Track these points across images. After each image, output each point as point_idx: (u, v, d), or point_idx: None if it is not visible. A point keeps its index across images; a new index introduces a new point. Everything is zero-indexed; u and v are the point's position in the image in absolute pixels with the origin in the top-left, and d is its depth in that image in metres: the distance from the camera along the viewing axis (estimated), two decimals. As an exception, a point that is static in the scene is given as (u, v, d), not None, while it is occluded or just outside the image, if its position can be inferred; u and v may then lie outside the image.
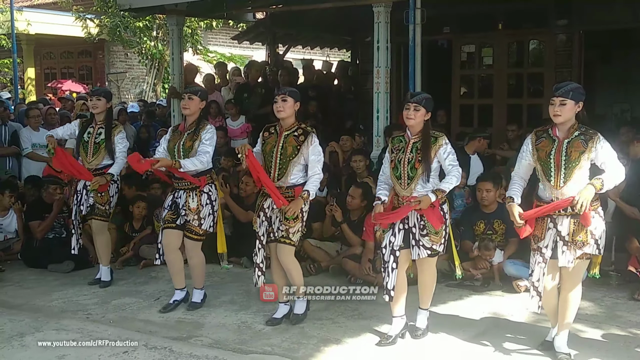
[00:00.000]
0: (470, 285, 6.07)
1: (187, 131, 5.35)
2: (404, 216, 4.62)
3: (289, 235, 4.99)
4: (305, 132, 5.00)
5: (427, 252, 4.65)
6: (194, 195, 5.32)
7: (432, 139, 4.61)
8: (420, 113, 4.60)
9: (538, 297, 4.37)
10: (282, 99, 4.98)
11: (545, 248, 4.32)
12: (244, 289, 6.04)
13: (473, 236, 6.44)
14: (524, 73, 9.88)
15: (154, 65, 17.50)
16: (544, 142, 4.31)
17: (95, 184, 5.89)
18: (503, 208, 6.43)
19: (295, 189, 4.98)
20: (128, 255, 6.99)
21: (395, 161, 4.69)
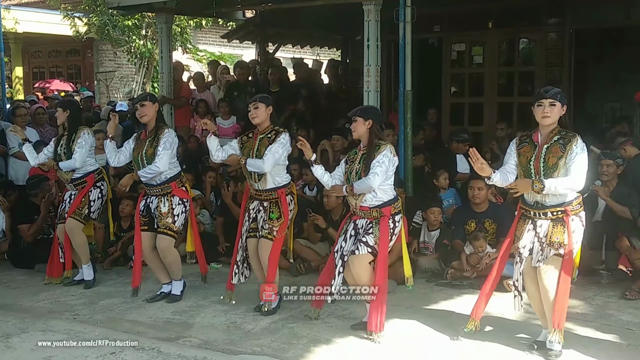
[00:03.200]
0: (459, 284, 6.07)
1: (148, 138, 5.52)
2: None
3: (272, 232, 5.20)
4: (277, 132, 5.22)
5: (367, 249, 4.71)
6: (165, 201, 5.52)
7: (376, 148, 4.73)
8: (359, 123, 4.76)
9: (520, 296, 4.50)
10: (254, 106, 5.24)
11: (523, 248, 4.42)
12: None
13: (464, 235, 6.44)
14: (515, 72, 9.89)
15: (143, 64, 17.40)
16: (526, 147, 4.38)
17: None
18: (494, 207, 6.50)
19: (278, 191, 5.20)
20: (116, 255, 6.95)
21: (347, 173, 4.86)
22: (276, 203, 5.22)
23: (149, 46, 16.79)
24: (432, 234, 6.67)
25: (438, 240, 6.58)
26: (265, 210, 5.25)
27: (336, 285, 4.83)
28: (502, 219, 6.37)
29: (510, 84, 10.04)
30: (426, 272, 6.44)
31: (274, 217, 5.21)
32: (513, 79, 9.90)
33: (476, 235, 6.24)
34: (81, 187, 6.11)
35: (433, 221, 6.63)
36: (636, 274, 5.84)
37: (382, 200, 4.74)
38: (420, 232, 6.83)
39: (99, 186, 6.18)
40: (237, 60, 13.50)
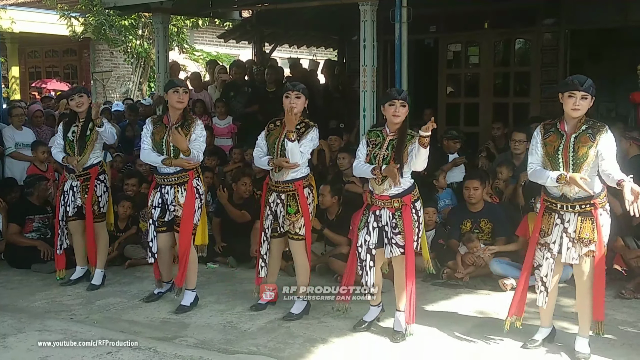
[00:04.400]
0: (455, 284, 6.09)
1: (175, 125, 5.32)
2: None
3: (296, 231, 5.12)
4: (308, 125, 5.09)
5: (399, 250, 4.65)
6: (182, 190, 5.33)
7: (409, 137, 4.61)
8: (405, 110, 4.64)
9: (545, 292, 4.39)
10: (296, 95, 5.04)
11: (553, 244, 4.32)
12: (230, 289, 6.02)
13: (460, 235, 6.46)
14: (510, 72, 9.92)
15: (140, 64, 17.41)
16: (552, 136, 4.28)
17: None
18: (490, 207, 6.51)
19: (296, 183, 5.07)
20: (113, 255, 6.93)
21: (370, 156, 4.70)
22: (293, 196, 5.10)
23: (145, 46, 16.79)
24: (428, 234, 6.65)
25: (433, 240, 6.58)
26: (283, 204, 5.12)
27: (370, 280, 4.75)
28: (498, 218, 6.41)
29: (506, 84, 10.07)
30: (422, 271, 6.42)
31: (292, 212, 5.07)
32: (509, 79, 9.93)
33: (469, 237, 6.25)
34: (83, 179, 6.00)
35: (428, 221, 6.61)
36: (631, 274, 5.86)
37: (403, 188, 4.62)
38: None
39: (102, 180, 6.08)
40: (234, 60, 13.50)
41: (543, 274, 4.39)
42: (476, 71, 10.20)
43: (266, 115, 9.26)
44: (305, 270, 5.24)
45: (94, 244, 6.12)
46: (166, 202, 5.39)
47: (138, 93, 17.68)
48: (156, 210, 5.43)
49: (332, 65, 11.63)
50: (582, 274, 4.29)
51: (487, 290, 5.95)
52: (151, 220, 5.47)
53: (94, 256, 6.17)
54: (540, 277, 4.41)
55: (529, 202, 6.40)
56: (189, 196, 5.31)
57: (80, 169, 5.99)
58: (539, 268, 4.43)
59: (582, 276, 4.30)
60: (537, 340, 4.56)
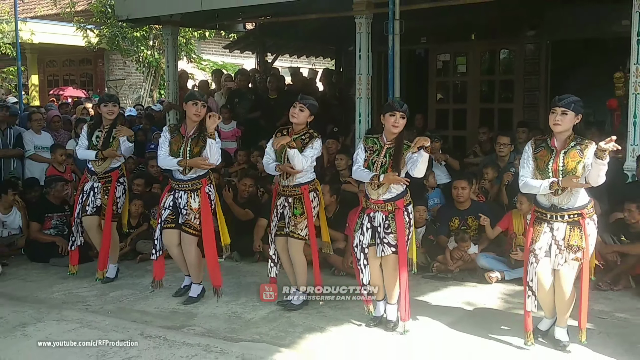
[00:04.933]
0: (444, 277, 6.09)
1: (192, 136, 5.29)
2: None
3: (297, 230, 5.11)
4: (312, 136, 5.10)
5: (391, 249, 4.63)
6: (195, 196, 5.30)
7: (405, 146, 4.61)
8: (404, 122, 4.64)
9: (533, 296, 4.31)
10: (300, 108, 5.07)
11: (540, 250, 4.27)
12: (234, 282, 6.02)
13: (448, 232, 6.47)
14: (496, 80, 9.94)
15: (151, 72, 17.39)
16: (543, 151, 4.25)
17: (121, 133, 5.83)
18: (476, 205, 6.52)
19: (302, 187, 5.10)
20: (125, 250, 6.94)
21: (369, 162, 4.69)
22: (299, 199, 5.12)
23: (156, 56, 16.78)
24: (419, 230, 6.67)
25: (424, 236, 6.59)
26: (289, 207, 5.15)
27: (366, 278, 4.75)
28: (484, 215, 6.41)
29: (491, 92, 10.09)
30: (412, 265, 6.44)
31: (298, 213, 5.10)
32: (494, 87, 9.94)
33: (463, 237, 6.24)
34: (104, 181, 5.96)
35: (419, 218, 6.62)
36: (607, 267, 5.86)
37: (396, 192, 4.63)
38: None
39: (122, 182, 6.06)
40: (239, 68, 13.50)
41: (528, 279, 4.32)
42: (464, 79, 10.22)
43: (268, 120, 9.31)
44: (302, 269, 5.21)
45: (109, 243, 6.07)
46: (178, 206, 5.36)
47: (149, 99, 17.67)
48: (165, 212, 5.41)
49: (329, 73, 11.65)
50: (564, 277, 4.22)
51: (474, 282, 5.96)
52: (160, 220, 5.46)
53: (105, 255, 6.10)
54: (526, 282, 4.34)
55: (512, 200, 6.42)
56: (204, 203, 5.29)
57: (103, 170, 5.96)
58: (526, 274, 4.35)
59: (563, 279, 4.22)
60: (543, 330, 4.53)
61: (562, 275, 4.23)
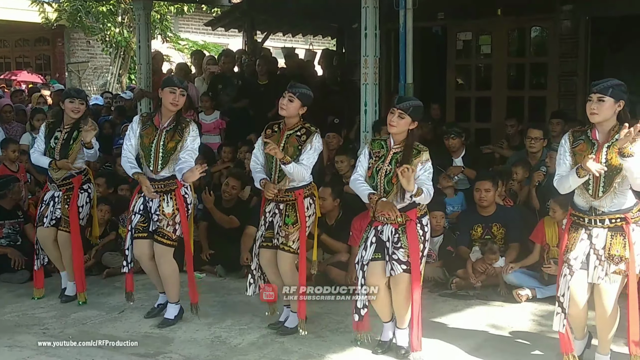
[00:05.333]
0: (465, 295, 6.12)
1: (166, 128, 5.32)
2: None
3: (288, 242, 5.11)
4: (309, 131, 5.10)
5: (401, 267, 4.61)
6: (168, 199, 5.33)
7: (415, 152, 4.57)
8: (405, 121, 4.59)
9: (563, 314, 4.26)
10: (290, 98, 5.06)
11: (575, 260, 4.24)
12: (218, 301, 6.04)
13: (470, 241, 6.49)
14: (526, 63, 9.94)
15: (119, 54, 17.45)
16: (582, 145, 4.21)
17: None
18: (503, 210, 6.54)
19: (296, 192, 5.09)
20: (89, 263, 6.94)
21: (373, 169, 4.69)
22: (293, 206, 5.14)
23: (125, 35, 16.83)
24: (435, 240, 6.68)
25: (441, 246, 6.61)
26: (280, 214, 5.14)
27: (361, 302, 4.73)
28: (511, 223, 6.43)
29: (521, 77, 10.09)
30: (429, 281, 6.47)
31: (289, 222, 5.08)
32: (524, 71, 9.95)
33: (491, 247, 6.24)
34: (65, 188, 5.97)
35: (435, 226, 6.61)
36: None
37: (408, 201, 4.58)
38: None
39: (85, 189, 6.05)
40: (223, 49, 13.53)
41: (560, 293, 4.29)
42: (488, 62, 10.21)
43: (257, 110, 9.32)
44: (294, 284, 5.21)
45: (81, 260, 6.08)
46: (149, 210, 5.39)
47: (117, 86, 17.71)
48: (136, 217, 5.43)
49: (330, 55, 11.65)
50: (604, 293, 4.18)
51: (500, 301, 5.98)
52: (130, 227, 5.47)
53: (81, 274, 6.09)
54: (557, 297, 4.32)
55: (545, 205, 6.43)
56: (180, 208, 5.31)
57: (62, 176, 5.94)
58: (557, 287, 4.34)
59: (604, 295, 4.19)
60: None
61: (603, 291, 4.20)
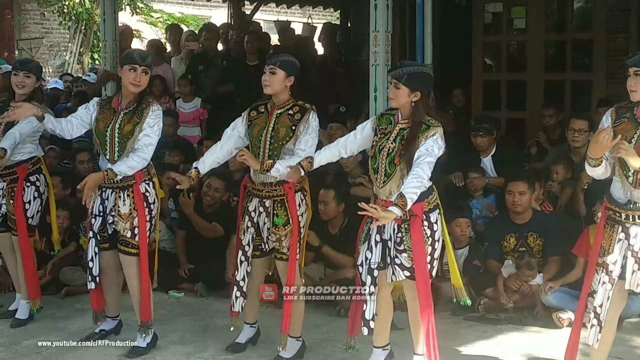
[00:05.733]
0: (495, 318, 6.11)
1: (125, 110, 5.33)
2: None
3: (282, 249, 5.14)
4: (303, 109, 5.12)
5: (404, 273, 4.61)
6: (125, 197, 5.33)
7: (424, 127, 4.56)
8: (402, 92, 4.59)
9: (599, 327, 4.34)
10: (271, 70, 5.08)
11: (614, 265, 4.29)
12: (199, 325, 6.03)
13: (501, 254, 6.49)
14: (567, 40, 9.92)
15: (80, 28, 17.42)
16: (625, 124, 4.27)
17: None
18: (540, 217, 6.52)
19: (285, 186, 5.08)
20: (45, 280, 6.92)
21: (376, 148, 4.69)
22: (282, 203, 5.12)
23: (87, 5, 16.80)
24: (459, 252, 6.67)
25: (466, 260, 6.60)
26: (267, 213, 5.14)
27: (370, 312, 4.72)
28: (550, 232, 6.41)
29: (561, 56, 10.08)
30: (452, 302, 6.43)
31: (280, 223, 5.09)
32: (565, 50, 9.93)
33: (529, 262, 6.22)
34: (10, 179, 5.97)
35: (460, 236, 6.63)
36: None
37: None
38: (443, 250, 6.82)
39: (33, 182, 6.04)
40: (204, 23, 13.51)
41: (597, 303, 4.35)
42: (522, 39, 10.20)
43: (245, 96, 9.27)
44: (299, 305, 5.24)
45: (32, 264, 6.08)
46: (106, 211, 5.41)
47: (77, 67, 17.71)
48: (97, 221, 5.44)
49: (332, 30, 11.66)
50: None
51: (537, 326, 5.97)
52: (91, 233, 5.48)
53: (33, 279, 6.12)
54: (593, 307, 4.38)
55: (591, 210, 6.40)
56: (139, 207, 5.32)
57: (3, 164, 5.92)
58: (593, 295, 4.41)
59: None
60: None
61: None
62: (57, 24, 18.36)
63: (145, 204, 5.35)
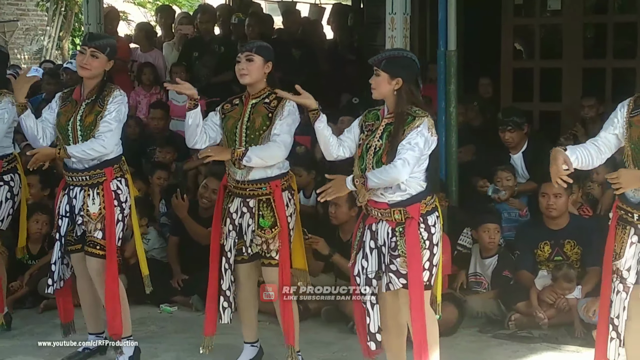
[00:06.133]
0: (528, 336, 6.10)
1: (86, 100, 5.38)
2: None
3: (269, 252, 5.16)
4: (279, 98, 5.15)
5: (400, 281, 4.58)
6: (94, 195, 5.36)
7: (409, 119, 4.55)
8: (382, 79, 4.60)
9: (618, 340, 4.38)
10: (247, 57, 5.16)
11: (627, 271, 4.33)
12: (194, 342, 6.00)
13: (534, 264, 6.48)
14: (608, 23, 9.92)
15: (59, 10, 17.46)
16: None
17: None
18: (578, 223, 6.51)
19: (271, 184, 5.13)
20: (21, 292, 6.95)
21: (363, 147, 4.70)
22: (268, 202, 5.14)
23: (67, -16, 16.85)
24: (487, 262, 6.69)
25: (495, 271, 6.60)
26: (252, 214, 5.16)
27: (375, 325, 4.72)
28: (589, 239, 6.38)
29: (601, 41, 10.07)
30: (479, 317, 6.45)
31: (266, 225, 5.11)
32: (605, 33, 9.92)
33: (567, 274, 6.18)
34: None
35: (488, 243, 6.63)
36: None
37: (408, 193, 4.57)
38: (469, 259, 6.85)
39: (7, 181, 6.02)
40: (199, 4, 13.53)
41: (614, 314, 4.39)
42: (557, 21, 10.20)
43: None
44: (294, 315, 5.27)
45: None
46: (74, 210, 5.44)
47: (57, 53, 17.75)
48: (64, 222, 5.48)
49: (343, 12, 11.66)
50: None
51: (576, 345, 5.95)
52: (58, 235, 5.52)
53: None
54: (610, 319, 4.41)
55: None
56: (108, 206, 5.34)
57: None
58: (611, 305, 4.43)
59: None
60: None
61: None
62: (34, 5, 18.40)
63: (117, 202, 5.39)
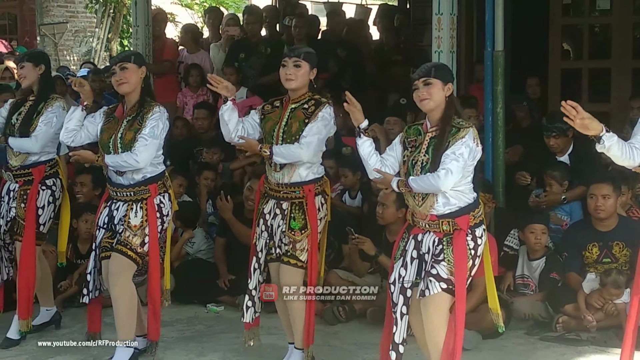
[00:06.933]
0: (575, 339, 6.06)
1: (127, 117, 5.45)
2: None
3: (294, 252, 5.20)
4: (318, 102, 5.21)
5: (440, 285, 4.56)
6: (138, 209, 5.44)
7: (454, 130, 4.55)
8: (435, 89, 4.60)
9: None
10: (295, 63, 5.18)
11: None
12: (240, 342, 6.03)
13: (582, 266, 6.43)
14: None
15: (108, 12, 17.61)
16: None
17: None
18: (627, 224, 6.45)
19: (305, 188, 5.17)
20: (71, 291, 7.01)
21: (408, 163, 4.71)
22: (300, 205, 5.19)
23: (116, -14, 16.99)
24: (535, 264, 6.65)
25: (543, 273, 6.56)
26: (283, 216, 5.22)
27: (400, 336, 4.69)
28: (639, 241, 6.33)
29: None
30: (526, 320, 6.42)
31: (297, 227, 5.17)
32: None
33: (616, 279, 6.12)
34: (23, 180, 6.03)
35: (534, 244, 6.59)
36: None
37: (457, 206, 4.60)
38: (516, 261, 6.81)
39: (49, 185, 6.06)
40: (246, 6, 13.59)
41: None
42: (607, 21, 10.11)
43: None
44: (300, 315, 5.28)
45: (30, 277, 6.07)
46: (113, 221, 5.51)
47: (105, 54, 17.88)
48: (100, 232, 5.55)
49: (389, 13, 11.63)
50: None
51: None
52: (94, 245, 5.59)
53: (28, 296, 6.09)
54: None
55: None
56: (151, 220, 5.41)
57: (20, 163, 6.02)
58: None
59: None
60: None
61: None
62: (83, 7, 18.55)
63: (158, 215, 5.47)
